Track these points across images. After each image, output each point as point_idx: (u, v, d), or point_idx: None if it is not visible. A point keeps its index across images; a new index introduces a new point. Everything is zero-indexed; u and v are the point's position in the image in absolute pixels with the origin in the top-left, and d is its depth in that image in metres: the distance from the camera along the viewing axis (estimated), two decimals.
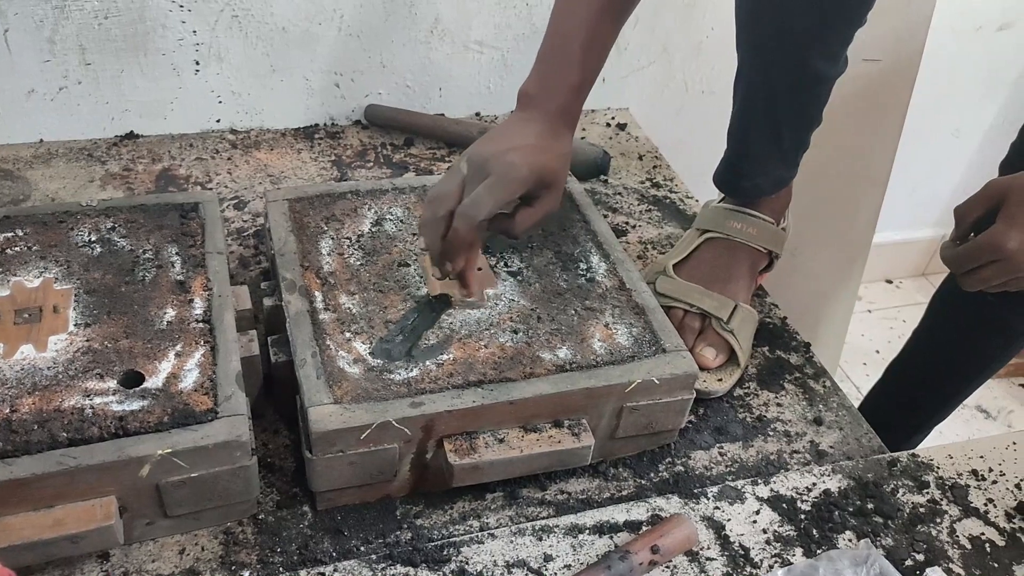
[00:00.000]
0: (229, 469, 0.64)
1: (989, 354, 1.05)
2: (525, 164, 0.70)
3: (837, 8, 0.77)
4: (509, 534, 0.69)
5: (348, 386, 0.68)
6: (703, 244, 0.92)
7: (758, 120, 0.87)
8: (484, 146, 0.72)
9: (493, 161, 0.70)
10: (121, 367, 0.67)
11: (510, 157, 0.69)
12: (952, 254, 0.77)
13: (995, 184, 0.75)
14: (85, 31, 1.03)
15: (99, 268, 0.76)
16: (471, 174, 0.71)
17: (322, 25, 1.12)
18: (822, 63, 0.81)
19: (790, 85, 0.83)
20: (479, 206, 0.69)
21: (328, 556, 0.68)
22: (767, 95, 0.85)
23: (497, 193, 0.69)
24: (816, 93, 0.85)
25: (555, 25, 0.77)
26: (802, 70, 0.81)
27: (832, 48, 0.81)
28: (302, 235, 0.83)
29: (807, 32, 0.78)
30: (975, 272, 0.75)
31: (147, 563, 0.66)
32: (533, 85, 0.76)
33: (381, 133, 1.20)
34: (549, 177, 0.72)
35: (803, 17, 0.77)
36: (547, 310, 0.78)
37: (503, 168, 0.69)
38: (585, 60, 0.75)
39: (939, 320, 1.09)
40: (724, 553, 0.70)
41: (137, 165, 1.08)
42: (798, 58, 0.80)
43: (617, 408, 0.73)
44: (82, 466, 0.60)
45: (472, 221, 0.69)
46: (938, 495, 0.77)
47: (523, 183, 0.70)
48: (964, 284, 0.77)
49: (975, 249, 0.74)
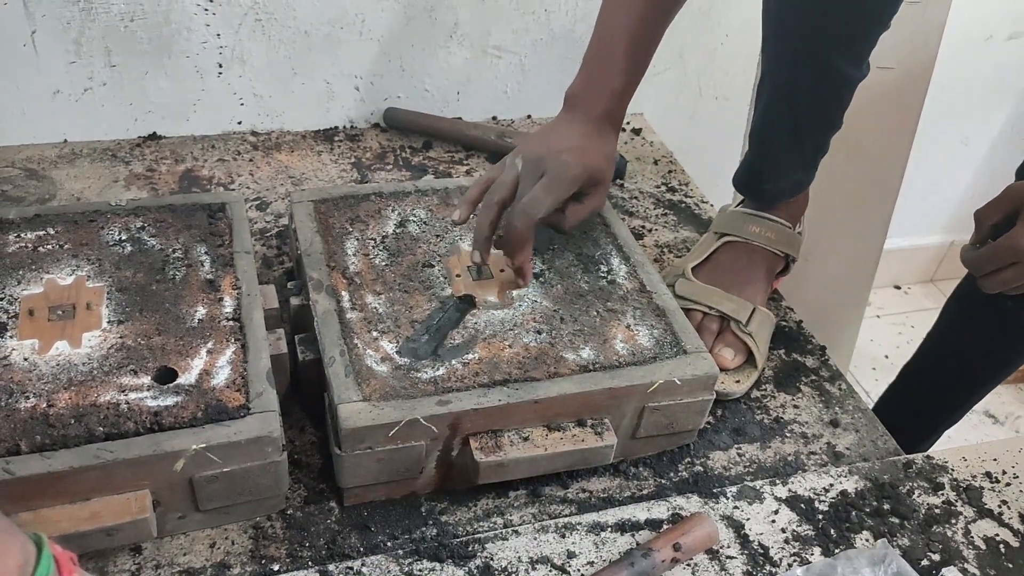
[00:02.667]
0: (260, 464, 0.66)
1: (1004, 357, 1.06)
2: (578, 164, 0.74)
3: (865, 11, 0.79)
4: (533, 531, 0.71)
5: (376, 384, 0.69)
6: (721, 247, 0.93)
7: (782, 123, 0.89)
8: (537, 146, 0.76)
9: (548, 161, 0.74)
10: (154, 363, 0.68)
11: (564, 158, 0.74)
12: (972, 257, 0.78)
13: (1015, 189, 0.77)
14: (111, 33, 1.05)
15: (130, 266, 0.77)
16: (526, 172, 0.75)
17: (343, 29, 1.13)
18: (848, 66, 0.82)
19: (815, 88, 0.84)
20: (538, 204, 0.73)
21: (356, 551, 0.69)
22: (792, 97, 0.86)
23: (554, 192, 0.74)
24: (839, 96, 0.86)
25: (600, 30, 0.80)
26: (828, 72, 0.83)
27: (858, 51, 0.82)
28: (327, 236, 0.84)
29: (835, 34, 0.80)
30: (995, 274, 0.77)
31: (179, 556, 0.67)
32: (579, 87, 0.80)
33: (400, 136, 1.21)
34: (598, 176, 0.77)
35: (832, 19, 0.79)
36: (570, 311, 0.79)
37: (558, 168, 0.74)
38: (628, 65, 0.79)
39: (954, 323, 1.10)
40: (744, 552, 0.71)
41: (160, 166, 1.09)
42: (825, 60, 0.82)
43: (639, 408, 0.74)
44: (119, 460, 0.61)
45: (532, 219, 0.74)
46: (953, 496, 0.78)
47: (576, 181, 0.75)
48: (984, 286, 0.78)
49: (996, 252, 0.76)
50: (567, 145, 0.75)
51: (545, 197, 0.74)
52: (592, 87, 0.79)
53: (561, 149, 0.75)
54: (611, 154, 0.81)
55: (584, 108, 0.79)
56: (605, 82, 0.79)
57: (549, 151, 0.75)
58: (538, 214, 0.74)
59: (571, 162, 0.74)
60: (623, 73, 0.79)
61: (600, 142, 0.78)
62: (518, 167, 0.76)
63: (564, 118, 0.80)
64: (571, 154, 0.75)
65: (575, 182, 0.75)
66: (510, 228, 0.75)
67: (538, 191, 0.74)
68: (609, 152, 0.80)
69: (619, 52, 0.78)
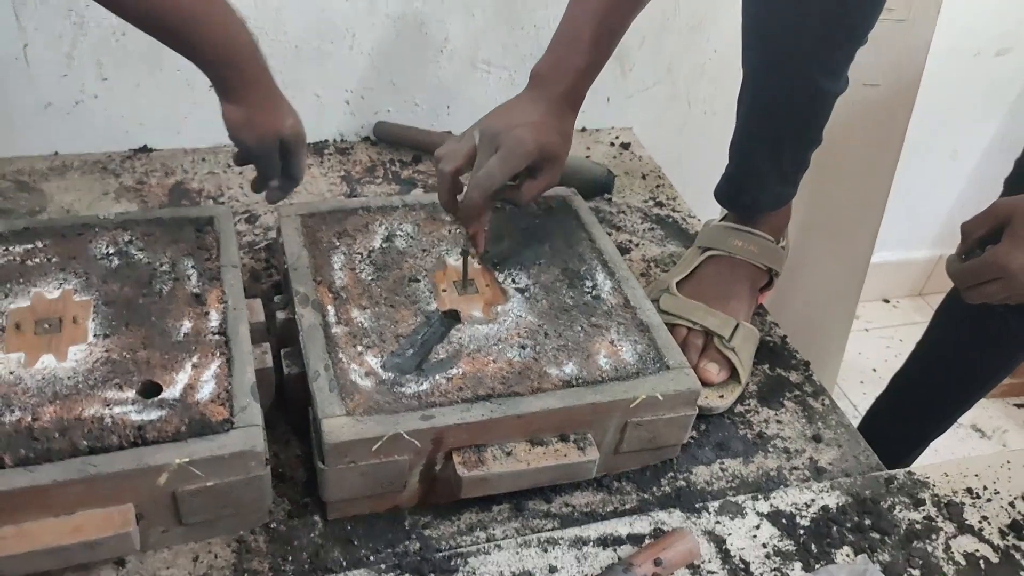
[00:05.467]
0: (244, 479, 0.66)
1: (991, 365, 1.07)
2: (532, 139, 0.77)
3: (841, 27, 0.81)
4: (515, 545, 0.71)
5: (360, 398, 0.70)
6: (705, 262, 0.94)
7: (760, 135, 0.90)
8: (495, 120, 0.79)
9: (503, 135, 0.77)
10: (139, 377, 0.69)
11: (519, 132, 0.76)
12: (957, 269, 0.80)
13: (1002, 204, 0.78)
14: (103, 46, 1.05)
15: (117, 280, 0.78)
16: (482, 145, 0.78)
17: (333, 43, 1.14)
18: (825, 80, 0.84)
19: (793, 101, 0.86)
20: (491, 177, 0.76)
21: (338, 565, 0.69)
22: (770, 111, 0.88)
23: (507, 165, 0.76)
24: (817, 110, 0.87)
25: (569, 12, 0.82)
26: (805, 86, 0.84)
27: (835, 65, 0.84)
28: (315, 250, 0.85)
29: (812, 49, 0.82)
30: (978, 288, 0.78)
31: (161, 570, 0.67)
32: (544, 67, 0.82)
33: (389, 150, 1.22)
34: (552, 152, 0.79)
35: (808, 34, 0.81)
36: (554, 326, 0.80)
37: (512, 142, 0.76)
38: (592, 48, 0.81)
39: (942, 333, 1.11)
40: (725, 567, 0.71)
41: (150, 179, 1.10)
42: (802, 74, 0.83)
43: (621, 423, 0.75)
44: (102, 474, 0.61)
45: (486, 191, 0.76)
46: (934, 512, 0.79)
47: (529, 156, 0.77)
48: (967, 298, 0.80)
49: (980, 266, 0.77)
50: (523, 120, 0.78)
51: (499, 170, 0.76)
52: (556, 67, 0.82)
53: (517, 124, 0.77)
54: (568, 133, 0.83)
55: (546, 87, 0.81)
56: (569, 63, 0.81)
57: (506, 126, 0.77)
58: (492, 186, 0.76)
59: (525, 137, 0.76)
60: (587, 55, 0.81)
61: (557, 120, 0.80)
62: (475, 139, 0.78)
63: (525, 95, 0.82)
64: (526, 129, 0.77)
65: (528, 157, 0.77)
66: (466, 199, 0.77)
67: (492, 164, 0.76)
68: (565, 131, 0.82)
69: (585, 35, 0.81)
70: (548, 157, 0.79)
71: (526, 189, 0.81)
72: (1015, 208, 0.75)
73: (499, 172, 0.76)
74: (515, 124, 0.77)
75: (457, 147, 0.79)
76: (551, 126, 0.79)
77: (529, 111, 0.79)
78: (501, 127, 0.77)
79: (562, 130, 0.81)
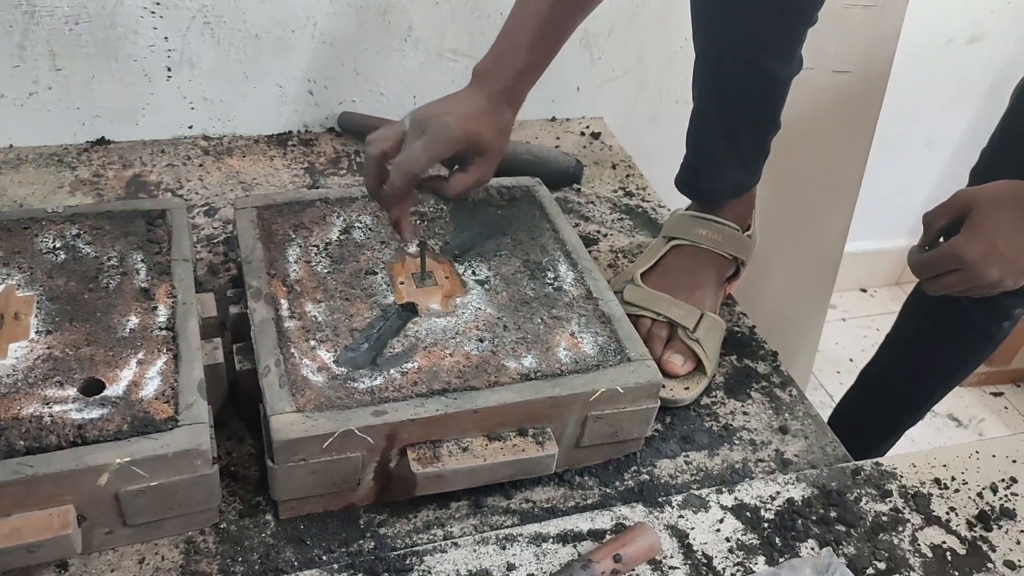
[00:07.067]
0: (190, 478, 0.64)
1: (961, 356, 1.06)
2: (459, 127, 0.76)
3: (786, 9, 0.80)
4: (472, 543, 0.69)
5: (311, 394, 0.68)
6: (670, 252, 0.92)
7: (713, 121, 0.89)
8: (428, 108, 0.79)
9: (431, 121, 0.76)
10: (81, 375, 0.67)
11: (446, 119, 0.76)
12: (917, 260, 0.79)
13: (962, 194, 0.77)
14: (55, 36, 1.03)
15: (63, 275, 0.75)
16: (411, 129, 0.77)
17: (295, 32, 1.12)
18: (774, 63, 0.83)
19: (742, 85, 0.85)
20: (414, 161, 0.75)
21: (290, 566, 0.67)
22: (723, 95, 0.87)
23: (431, 150, 0.75)
24: (771, 94, 0.86)
25: (514, 11, 0.82)
26: (756, 71, 0.83)
27: (783, 47, 0.83)
28: (269, 243, 0.83)
29: (759, 32, 0.81)
30: (938, 279, 0.77)
31: (106, 572, 0.65)
32: (485, 64, 0.82)
33: (355, 141, 1.20)
34: (481, 145, 0.78)
35: (754, 18, 0.80)
36: (513, 319, 0.78)
37: (438, 128, 0.75)
38: (533, 49, 0.81)
39: (911, 324, 1.10)
40: (687, 562, 0.70)
41: (107, 171, 1.08)
42: (749, 57, 0.83)
43: (582, 417, 0.73)
44: (39, 475, 0.59)
45: (407, 174, 0.75)
46: (901, 504, 0.78)
47: (455, 143, 0.76)
48: (927, 289, 0.79)
49: (938, 257, 0.76)
50: (455, 110, 0.77)
51: (421, 154, 0.75)
52: (496, 66, 0.81)
53: (447, 112, 0.77)
54: (504, 129, 0.82)
55: (486, 83, 0.81)
56: (509, 63, 0.81)
57: (435, 113, 0.77)
58: (414, 170, 0.75)
59: (452, 124, 0.75)
60: (526, 56, 0.81)
61: (493, 116, 0.80)
62: (405, 125, 0.77)
63: (465, 90, 0.82)
64: (454, 117, 0.76)
65: (454, 143, 0.76)
66: (389, 183, 0.76)
67: (416, 148, 0.75)
68: (502, 126, 0.81)
69: (527, 36, 0.80)
70: (477, 149, 0.78)
71: (454, 182, 0.79)
72: (975, 199, 0.75)
73: (423, 156, 0.75)
74: (446, 112, 0.77)
75: (387, 132, 0.78)
76: (484, 119, 0.78)
77: (465, 103, 0.79)
78: (430, 113, 0.77)
79: (497, 125, 0.80)
